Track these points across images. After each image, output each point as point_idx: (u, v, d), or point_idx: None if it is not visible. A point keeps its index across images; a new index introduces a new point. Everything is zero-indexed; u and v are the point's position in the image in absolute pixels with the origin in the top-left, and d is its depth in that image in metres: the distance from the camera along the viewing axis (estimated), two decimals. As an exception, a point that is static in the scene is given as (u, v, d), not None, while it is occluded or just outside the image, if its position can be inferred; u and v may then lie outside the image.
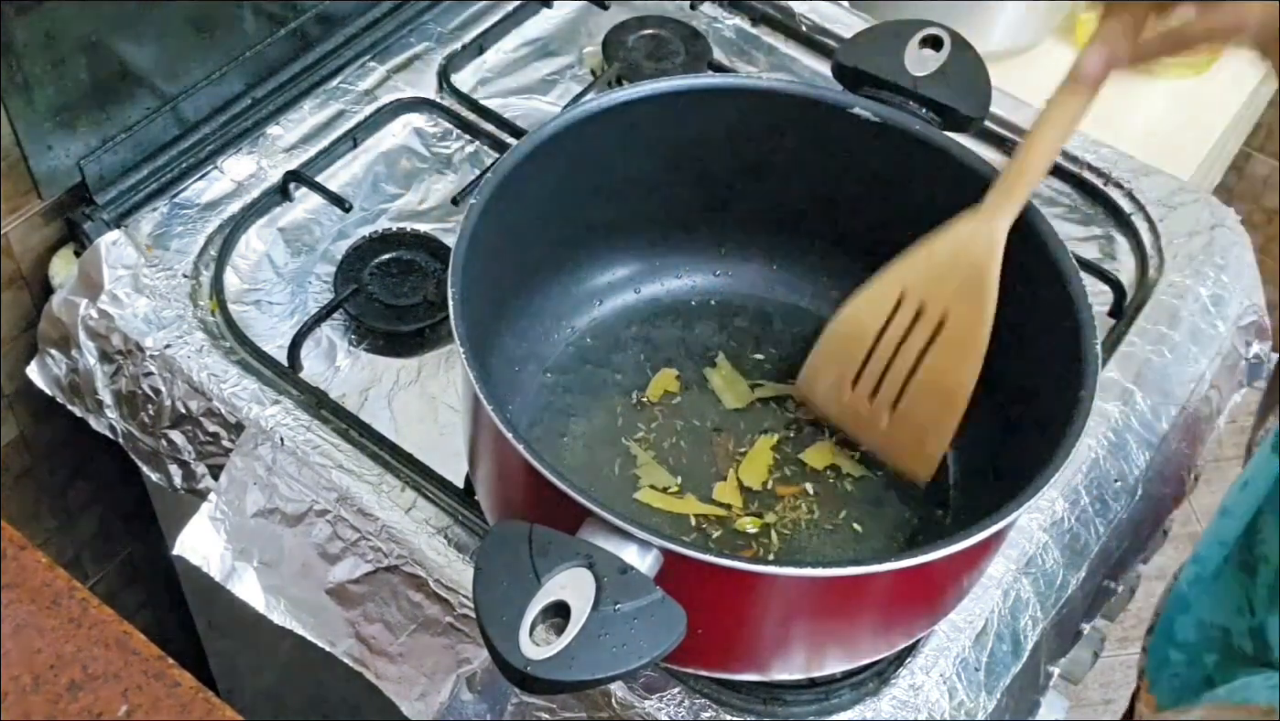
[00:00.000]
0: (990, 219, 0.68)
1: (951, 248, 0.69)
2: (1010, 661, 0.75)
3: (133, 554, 1.15)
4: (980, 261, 0.68)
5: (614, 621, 0.53)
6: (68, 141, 0.85)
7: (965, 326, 0.69)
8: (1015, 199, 0.68)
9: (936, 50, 0.76)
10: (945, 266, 0.69)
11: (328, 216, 0.91)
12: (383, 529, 0.75)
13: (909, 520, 0.76)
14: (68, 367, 0.87)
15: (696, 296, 0.84)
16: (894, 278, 0.71)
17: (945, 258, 0.69)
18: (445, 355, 0.84)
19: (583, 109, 0.73)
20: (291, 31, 0.95)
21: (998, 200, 0.68)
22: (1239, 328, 0.92)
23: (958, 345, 0.69)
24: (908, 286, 0.70)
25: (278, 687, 1.11)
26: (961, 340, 0.69)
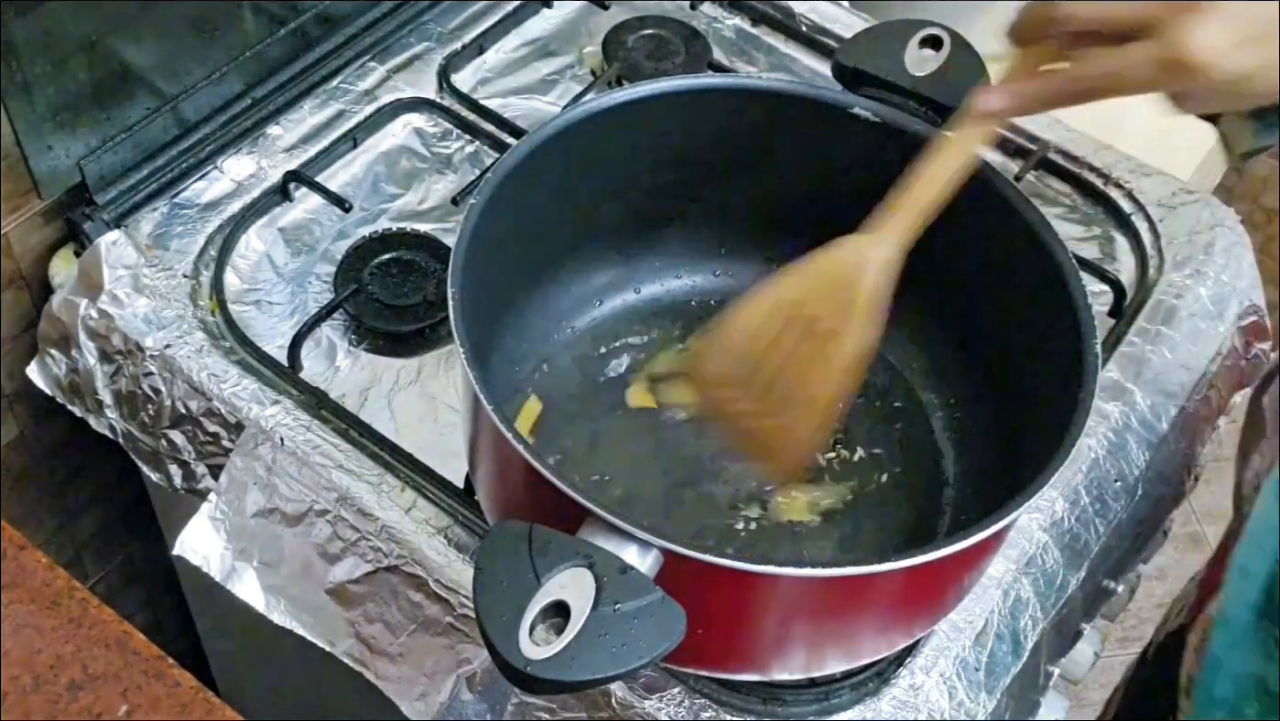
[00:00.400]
0: (869, 244, 0.68)
1: (829, 266, 0.69)
2: (1010, 661, 0.75)
3: (133, 554, 1.15)
4: (853, 282, 0.69)
5: (614, 621, 0.53)
6: (68, 141, 0.85)
7: (836, 340, 0.69)
8: (898, 227, 0.68)
9: (936, 50, 0.76)
10: (838, 283, 0.69)
11: (328, 216, 0.91)
12: (383, 529, 0.75)
13: (909, 520, 0.76)
14: (68, 367, 0.87)
15: (696, 296, 0.84)
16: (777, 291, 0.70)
17: (823, 275, 0.70)
18: (445, 355, 0.84)
19: (583, 109, 0.73)
20: (291, 31, 0.95)
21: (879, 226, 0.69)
22: (1239, 328, 0.92)
23: (830, 358, 0.69)
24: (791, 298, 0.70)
25: (278, 687, 1.11)
26: (833, 353, 0.69)
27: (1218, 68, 0.57)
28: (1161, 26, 0.58)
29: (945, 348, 0.80)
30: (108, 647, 0.68)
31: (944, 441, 0.79)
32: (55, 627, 0.69)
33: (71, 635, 0.68)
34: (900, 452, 0.79)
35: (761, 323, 0.70)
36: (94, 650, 0.68)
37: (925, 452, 0.79)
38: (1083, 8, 0.62)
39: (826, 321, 0.69)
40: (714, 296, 0.84)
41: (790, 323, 0.69)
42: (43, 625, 0.69)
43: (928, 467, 0.78)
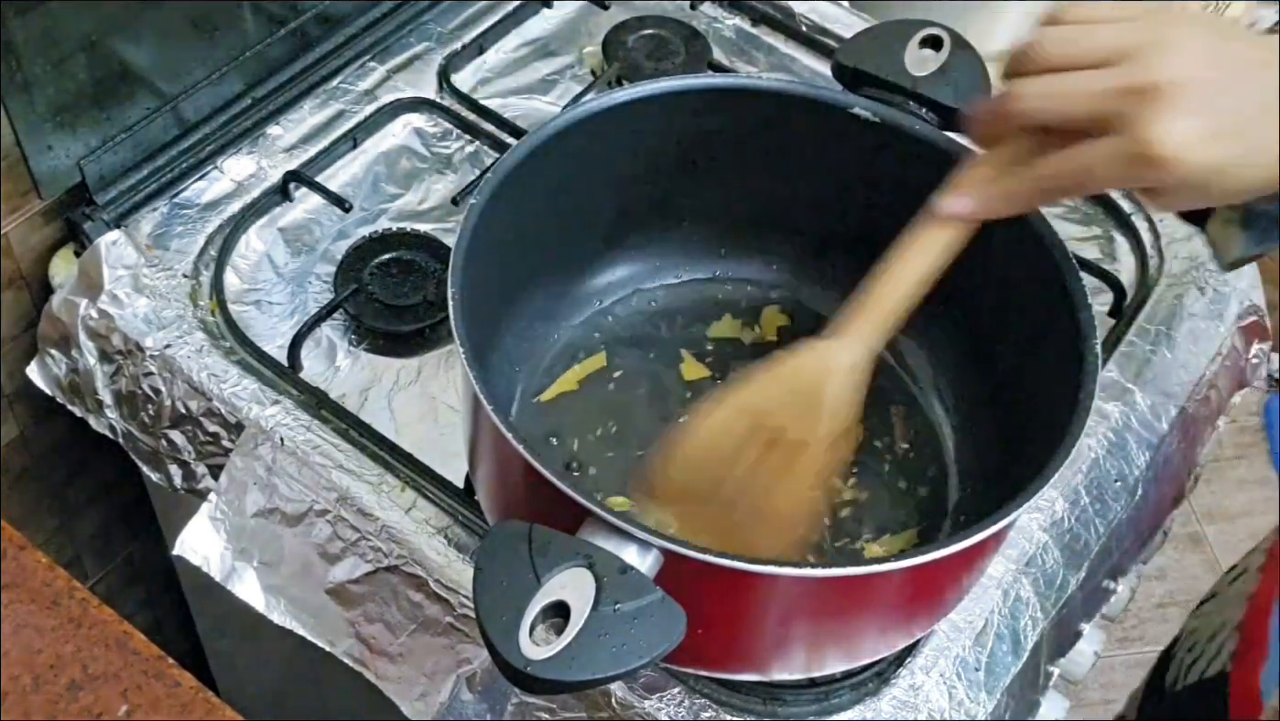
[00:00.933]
0: (834, 351, 0.67)
1: (790, 371, 0.67)
2: (1010, 661, 0.75)
3: (133, 554, 1.15)
4: (818, 391, 0.66)
5: (614, 621, 0.53)
6: (68, 141, 0.85)
7: (803, 451, 0.67)
8: (864, 330, 0.66)
9: (936, 50, 0.76)
10: (805, 391, 0.67)
11: (328, 216, 0.91)
12: (383, 529, 0.75)
13: (909, 520, 0.76)
14: (68, 367, 0.87)
15: (697, 296, 0.84)
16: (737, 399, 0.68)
17: (806, 383, 0.67)
18: (445, 355, 0.84)
19: (583, 109, 0.73)
20: (291, 31, 0.95)
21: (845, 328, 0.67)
22: (1239, 328, 0.92)
23: (794, 470, 0.67)
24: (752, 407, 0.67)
25: (278, 687, 1.11)
26: (799, 465, 0.67)
27: (1186, 161, 0.55)
28: (1125, 119, 0.56)
29: (945, 347, 0.80)
30: (108, 647, 0.68)
31: (944, 441, 0.79)
32: (55, 627, 0.69)
33: (71, 635, 0.68)
34: (900, 452, 0.79)
35: (721, 432, 0.67)
36: (94, 650, 0.68)
37: (925, 453, 0.79)
38: (1037, 104, 0.59)
39: (792, 431, 0.66)
40: (714, 296, 0.84)
41: (753, 433, 0.66)
42: (43, 625, 0.69)
43: (928, 468, 0.78)
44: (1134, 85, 0.55)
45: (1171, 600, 1.74)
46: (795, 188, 0.80)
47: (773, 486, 0.67)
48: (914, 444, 0.79)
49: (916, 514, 0.76)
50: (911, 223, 0.66)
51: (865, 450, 0.78)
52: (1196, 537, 1.81)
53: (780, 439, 0.66)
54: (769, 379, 0.68)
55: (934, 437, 0.79)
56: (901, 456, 0.78)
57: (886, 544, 0.75)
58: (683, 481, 0.68)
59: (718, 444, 0.67)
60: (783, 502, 0.67)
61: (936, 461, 0.78)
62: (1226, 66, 0.56)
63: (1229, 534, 1.81)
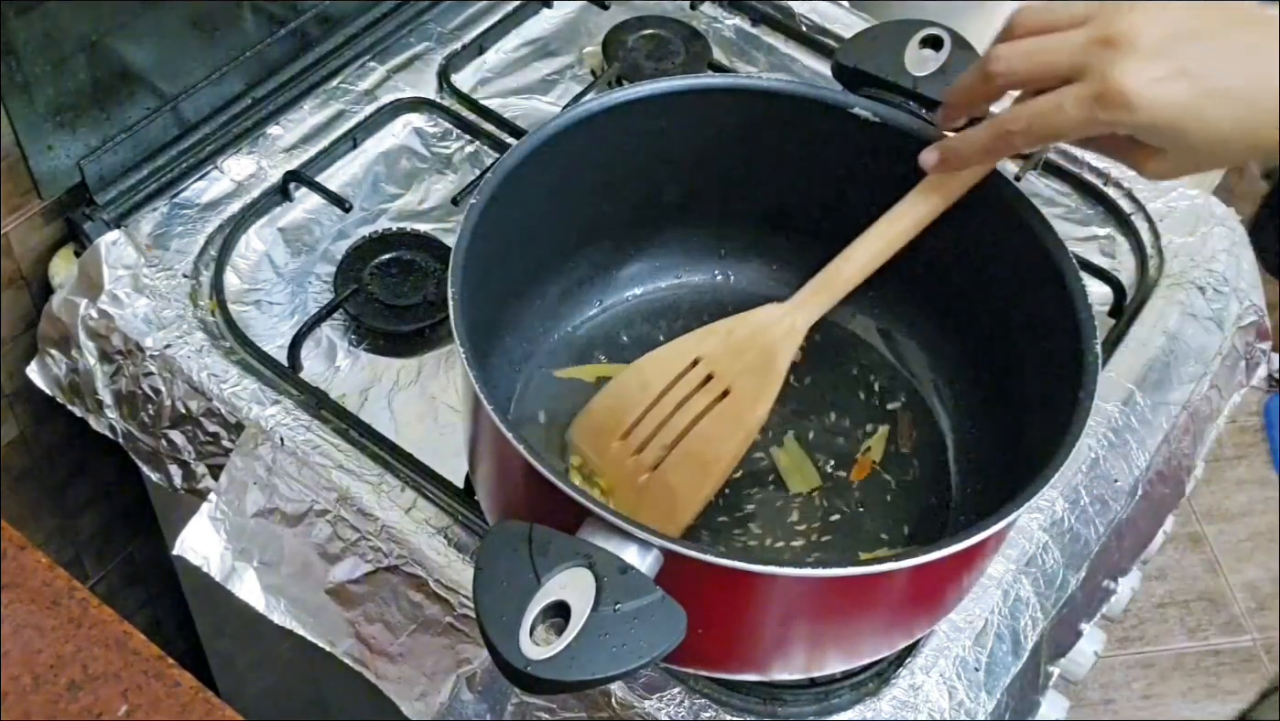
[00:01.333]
0: (793, 311, 0.72)
1: (752, 328, 0.72)
2: (1010, 661, 0.75)
3: (133, 554, 1.15)
4: (773, 347, 0.71)
5: (614, 621, 0.53)
6: (68, 141, 0.85)
7: (744, 402, 0.70)
8: (822, 300, 0.72)
9: (936, 50, 0.76)
10: (742, 344, 0.71)
11: (328, 216, 0.91)
12: (383, 529, 0.75)
13: (909, 520, 0.76)
14: (68, 367, 0.87)
15: (697, 296, 0.84)
16: (692, 342, 0.72)
17: (744, 336, 0.72)
18: (445, 355, 0.84)
19: (583, 109, 0.73)
20: (291, 31, 0.95)
21: (806, 296, 0.72)
22: (1239, 328, 0.92)
23: (732, 418, 0.70)
24: (703, 353, 0.71)
25: (278, 687, 1.11)
26: (738, 414, 0.70)
27: (1147, 99, 0.58)
28: (1090, 68, 0.59)
29: (946, 348, 0.80)
30: (108, 647, 0.68)
31: (945, 440, 0.79)
32: (55, 627, 0.69)
33: (71, 635, 0.68)
34: (900, 452, 0.79)
35: (664, 365, 0.71)
36: (94, 650, 0.68)
37: (925, 452, 0.79)
38: (1017, 61, 0.63)
39: (729, 379, 0.70)
40: (714, 296, 0.84)
41: (689, 376, 0.70)
42: (43, 625, 0.69)
43: (928, 467, 0.78)
44: (1099, 36, 0.59)
45: (1171, 600, 1.74)
46: (795, 187, 0.80)
47: (700, 428, 0.70)
48: (914, 444, 0.79)
49: (916, 514, 0.76)
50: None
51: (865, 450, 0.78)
52: (1196, 537, 1.81)
53: (716, 384, 0.70)
54: (721, 328, 0.72)
55: (934, 437, 0.79)
56: (900, 456, 0.78)
57: (885, 544, 0.75)
58: (621, 409, 0.71)
59: (659, 375, 0.71)
60: (705, 446, 0.70)
61: (936, 461, 0.78)
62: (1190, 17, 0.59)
63: (1229, 534, 1.81)
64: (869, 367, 0.82)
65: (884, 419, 0.80)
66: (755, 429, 0.70)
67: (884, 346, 0.82)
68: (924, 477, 0.78)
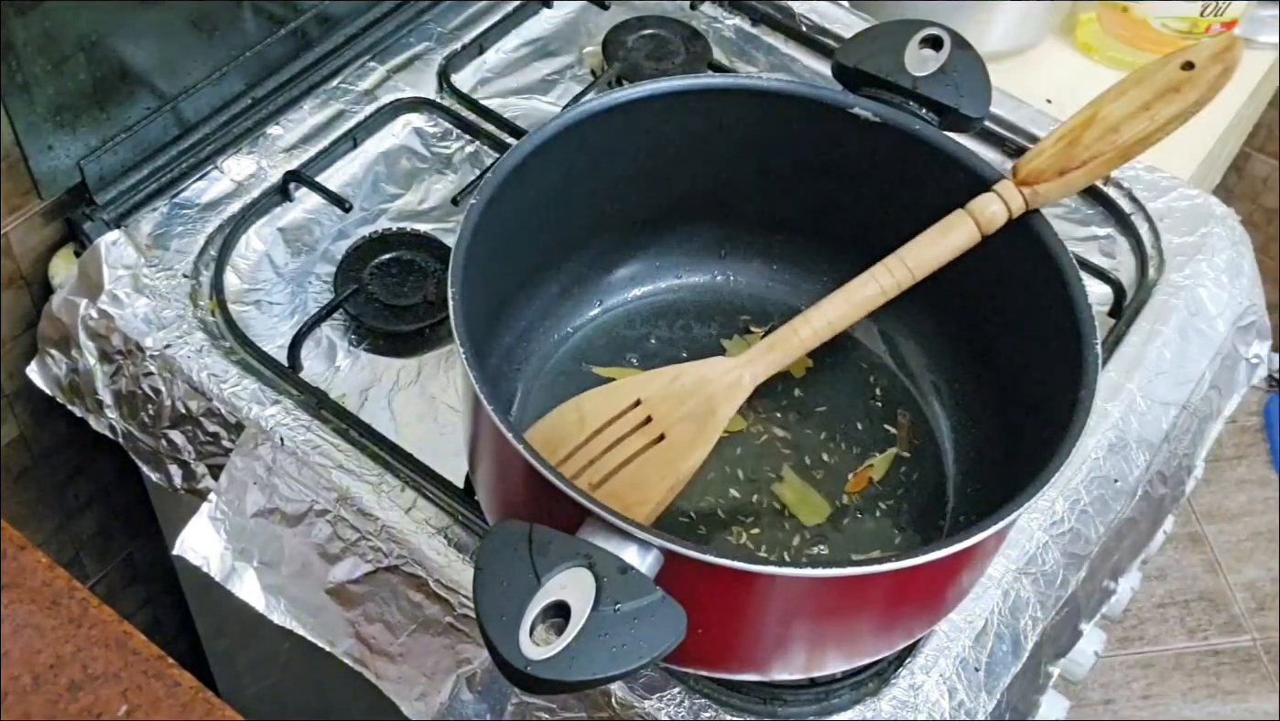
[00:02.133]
0: (742, 366, 0.72)
1: (697, 377, 0.71)
2: (1010, 661, 0.75)
3: (133, 554, 1.15)
4: (715, 399, 0.71)
5: (614, 621, 0.53)
6: (68, 141, 0.85)
7: (678, 450, 0.70)
8: (774, 359, 0.72)
9: (936, 50, 0.76)
10: (685, 391, 0.71)
11: (328, 216, 0.91)
12: (383, 529, 0.75)
13: (909, 520, 0.76)
14: (68, 367, 0.87)
15: (696, 296, 0.84)
16: (636, 383, 0.72)
17: (689, 383, 0.71)
18: (445, 355, 0.84)
19: (583, 109, 0.73)
20: (291, 31, 0.95)
21: (758, 353, 0.72)
22: (1239, 328, 0.92)
23: (664, 464, 0.70)
24: (645, 395, 0.71)
25: (278, 687, 1.11)
26: (670, 461, 0.70)
27: None
28: None
29: (946, 348, 0.80)
30: (108, 647, 0.68)
31: (944, 441, 0.79)
32: (55, 627, 0.69)
33: (71, 635, 0.68)
34: (900, 452, 0.79)
35: (606, 402, 0.71)
36: (94, 650, 0.68)
37: (925, 452, 0.79)
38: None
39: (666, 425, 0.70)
40: (714, 296, 0.84)
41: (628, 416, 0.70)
42: (43, 625, 0.69)
43: (928, 467, 0.78)
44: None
45: (1171, 600, 1.74)
46: (795, 188, 0.80)
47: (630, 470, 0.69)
48: (914, 444, 0.79)
49: (916, 514, 0.76)
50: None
51: (865, 449, 0.78)
52: (1196, 537, 1.81)
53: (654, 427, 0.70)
54: (668, 373, 0.72)
55: (933, 438, 0.79)
56: (901, 458, 0.78)
57: (885, 544, 0.75)
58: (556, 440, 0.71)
59: (597, 411, 0.71)
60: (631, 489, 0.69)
61: (936, 462, 0.78)
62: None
63: (1229, 534, 1.81)
64: (869, 369, 0.82)
65: (882, 418, 0.80)
66: (686, 477, 0.70)
67: (883, 347, 0.82)
68: (924, 478, 0.78)
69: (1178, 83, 0.70)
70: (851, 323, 0.73)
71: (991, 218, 0.71)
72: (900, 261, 0.72)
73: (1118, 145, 0.70)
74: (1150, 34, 1.20)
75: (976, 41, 0.78)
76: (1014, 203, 0.70)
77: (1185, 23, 1.19)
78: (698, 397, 0.71)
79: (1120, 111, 0.70)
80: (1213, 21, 1.19)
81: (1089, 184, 0.74)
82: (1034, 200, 0.71)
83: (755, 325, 0.83)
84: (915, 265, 0.72)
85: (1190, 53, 0.70)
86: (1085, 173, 0.70)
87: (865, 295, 0.72)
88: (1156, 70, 0.71)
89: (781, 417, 0.79)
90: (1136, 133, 0.70)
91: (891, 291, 0.72)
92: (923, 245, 0.72)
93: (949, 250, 0.72)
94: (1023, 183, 0.71)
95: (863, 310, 0.73)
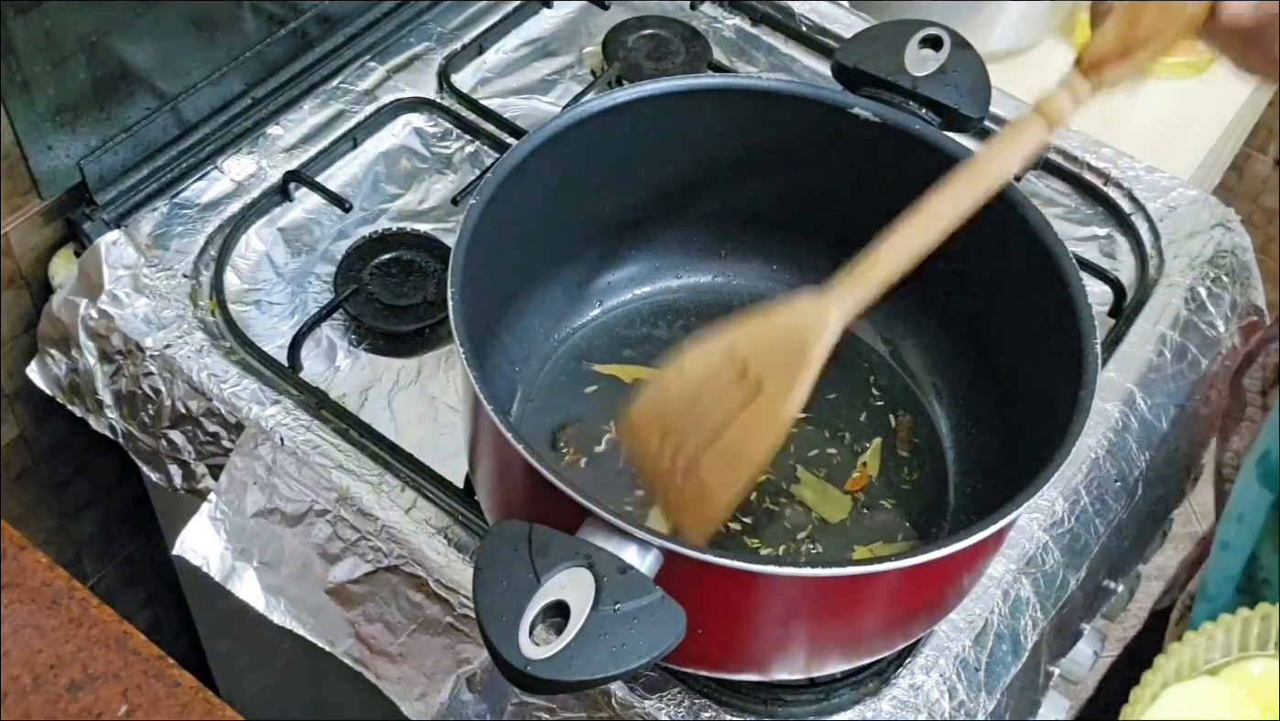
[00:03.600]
0: (830, 301, 0.67)
1: (786, 320, 0.68)
2: (1010, 661, 0.75)
3: (133, 554, 1.15)
4: (806, 339, 0.67)
5: (614, 621, 0.53)
6: (68, 141, 0.85)
7: (776, 398, 0.67)
8: (860, 290, 0.67)
9: (936, 50, 0.76)
10: (776, 336, 0.68)
11: (328, 216, 0.91)
12: (383, 529, 0.75)
13: (909, 520, 0.76)
14: (68, 367, 0.87)
15: (696, 296, 0.84)
16: (728, 337, 0.69)
17: (778, 328, 0.68)
18: (445, 355, 0.84)
19: (583, 109, 0.73)
20: (291, 31, 0.95)
21: (843, 287, 0.67)
22: (1239, 327, 0.92)
23: (765, 415, 0.67)
24: (738, 347, 0.68)
25: (278, 687, 1.11)
26: (770, 411, 0.67)
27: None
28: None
29: (946, 347, 0.80)
30: (108, 647, 0.68)
31: (944, 441, 0.79)
32: (55, 627, 0.69)
33: (71, 635, 0.68)
34: (900, 452, 0.79)
35: (703, 364, 0.68)
36: (94, 650, 0.68)
37: (926, 452, 0.79)
38: None
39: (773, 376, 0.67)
40: (714, 296, 0.84)
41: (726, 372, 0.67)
42: (43, 625, 0.69)
43: (928, 467, 0.78)
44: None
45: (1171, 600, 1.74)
46: (795, 188, 0.80)
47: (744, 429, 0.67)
48: (914, 444, 0.79)
49: (916, 514, 0.76)
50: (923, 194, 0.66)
51: (865, 450, 0.78)
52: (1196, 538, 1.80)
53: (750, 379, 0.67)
54: (760, 323, 0.68)
55: (933, 438, 0.79)
56: (901, 457, 0.78)
57: (884, 544, 0.75)
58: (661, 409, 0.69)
59: (698, 372, 0.68)
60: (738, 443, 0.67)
61: (936, 462, 0.78)
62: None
63: (1229, 534, 1.81)
64: (869, 368, 0.82)
65: (883, 418, 0.80)
66: (787, 425, 0.68)
67: (883, 347, 0.82)
68: (924, 478, 0.78)
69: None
70: (932, 246, 0.67)
71: (1062, 111, 0.66)
72: (974, 170, 0.67)
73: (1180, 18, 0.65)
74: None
75: (976, 41, 0.78)
76: (1082, 91, 0.66)
77: (1185, 23, 1.19)
78: (789, 343, 0.67)
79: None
80: (1213, 21, 1.19)
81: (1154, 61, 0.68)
82: (1100, 88, 0.66)
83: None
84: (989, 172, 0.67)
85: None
86: (1151, 51, 0.66)
87: (940, 213, 0.66)
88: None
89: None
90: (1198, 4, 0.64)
91: (966, 206, 0.67)
92: (995, 150, 0.67)
93: (1021, 153, 0.67)
94: (1089, 69, 0.66)
95: (950, 228, 0.67)
